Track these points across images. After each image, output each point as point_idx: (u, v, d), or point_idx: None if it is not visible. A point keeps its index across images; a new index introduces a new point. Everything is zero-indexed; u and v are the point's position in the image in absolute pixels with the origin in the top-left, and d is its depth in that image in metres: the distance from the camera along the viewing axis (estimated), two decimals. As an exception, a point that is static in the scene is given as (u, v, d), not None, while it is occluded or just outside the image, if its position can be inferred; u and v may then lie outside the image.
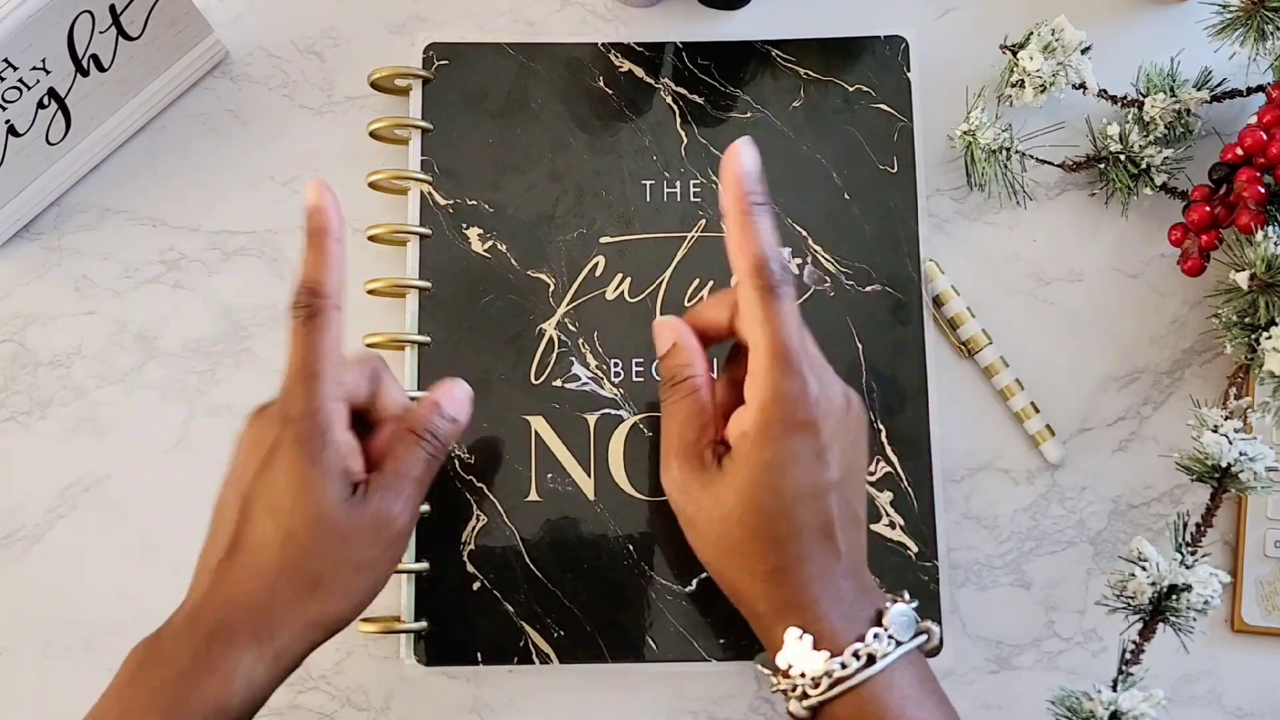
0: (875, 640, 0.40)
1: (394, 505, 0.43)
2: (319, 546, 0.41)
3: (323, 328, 0.42)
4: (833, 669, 0.40)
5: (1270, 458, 0.47)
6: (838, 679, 0.40)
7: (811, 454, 0.41)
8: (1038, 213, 0.56)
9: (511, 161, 0.55)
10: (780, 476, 0.41)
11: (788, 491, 0.41)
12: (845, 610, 0.41)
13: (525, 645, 0.51)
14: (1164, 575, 0.47)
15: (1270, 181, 0.50)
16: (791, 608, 0.41)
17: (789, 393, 0.41)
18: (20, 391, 0.54)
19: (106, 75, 0.52)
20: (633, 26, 0.58)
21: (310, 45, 0.58)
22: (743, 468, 0.42)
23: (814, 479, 0.42)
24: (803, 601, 0.41)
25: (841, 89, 0.56)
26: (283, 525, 0.41)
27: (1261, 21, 0.50)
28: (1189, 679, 0.52)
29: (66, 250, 0.56)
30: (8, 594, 0.53)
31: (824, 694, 0.40)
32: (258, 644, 0.40)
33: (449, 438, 0.46)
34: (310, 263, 0.43)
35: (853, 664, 0.40)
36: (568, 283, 0.54)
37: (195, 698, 0.38)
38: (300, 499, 0.41)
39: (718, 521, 0.42)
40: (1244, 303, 0.49)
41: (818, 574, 0.42)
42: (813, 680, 0.40)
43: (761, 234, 0.43)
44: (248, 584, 0.40)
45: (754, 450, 0.42)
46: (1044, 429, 0.53)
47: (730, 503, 0.42)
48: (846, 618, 0.41)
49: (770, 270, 0.42)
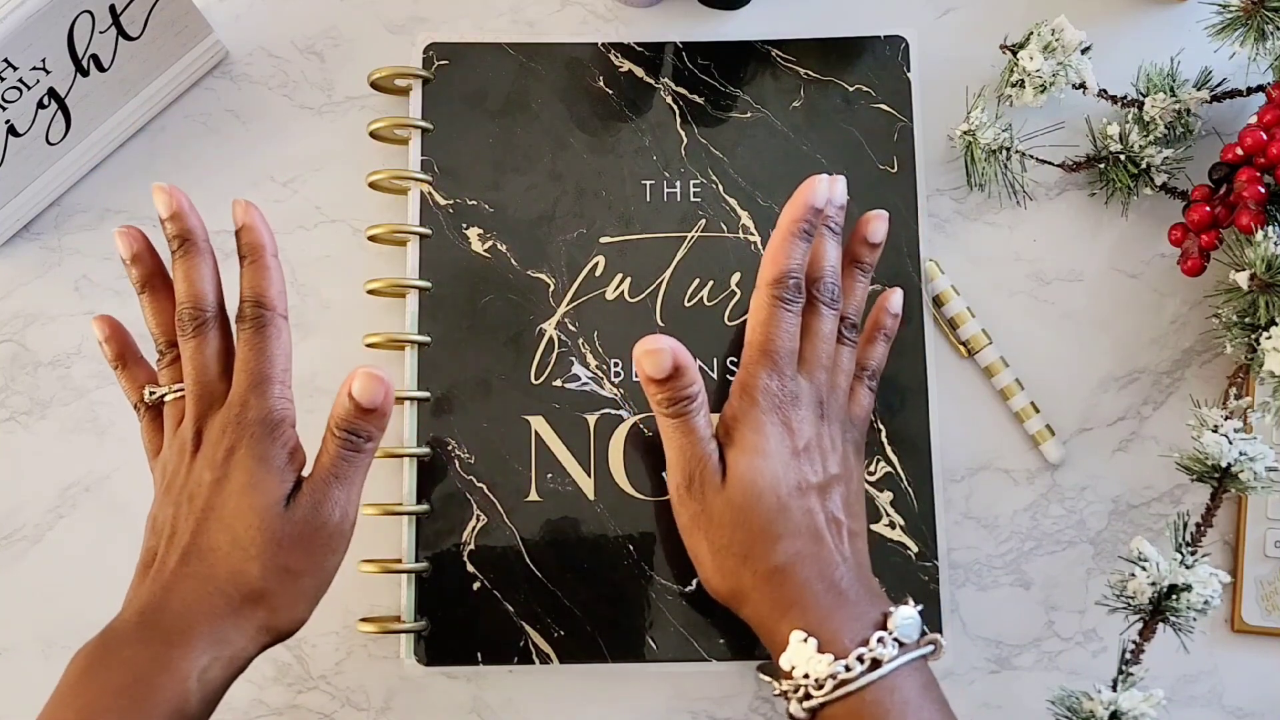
0: (880, 644, 0.40)
1: (321, 509, 0.42)
2: (259, 554, 0.41)
3: (272, 336, 0.43)
4: (837, 671, 0.40)
5: (1270, 458, 0.47)
6: (841, 681, 0.40)
7: (788, 451, 0.44)
8: (1038, 213, 0.56)
9: (511, 161, 0.55)
10: (765, 460, 0.43)
11: (780, 481, 0.43)
12: (849, 613, 0.41)
13: (525, 645, 0.51)
14: (1164, 575, 0.47)
15: (1270, 181, 0.50)
16: (795, 608, 0.42)
17: (767, 386, 0.45)
18: (20, 391, 0.54)
19: (106, 75, 0.52)
20: (633, 26, 0.58)
21: (310, 45, 0.58)
22: (735, 454, 0.44)
23: (793, 475, 0.44)
24: (805, 602, 0.42)
25: (841, 89, 0.56)
26: (231, 533, 0.41)
27: (1261, 21, 0.50)
28: (1189, 679, 0.52)
29: (66, 250, 0.56)
30: (8, 594, 0.53)
31: (827, 696, 0.40)
32: (215, 648, 0.40)
33: (368, 430, 0.43)
34: (251, 277, 0.44)
35: (857, 667, 0.40)
36: (568, 283, 0.54)
37: (156, 700, 0.38)
38: (247, 505, 0.41)
39: (730, 523, 0.43)
40: (1244, 303, 0.49)
41: (818, 574, 0.42)
42: (816, 682, 0.40)
43: (792, 256, 0.45)
44: (203, 592, 0.41)
45: (739, 432, 0.44)
46: (1044, 429, 0.53)
47: (739, 500, 0.43)
48: (851, 621, 0.41)
49: (787, 285, 0.45)
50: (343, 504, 0.43)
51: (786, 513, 0.43)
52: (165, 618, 0.40)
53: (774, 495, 0.43)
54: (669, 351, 0.44)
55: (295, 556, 0.42)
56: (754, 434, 0.44)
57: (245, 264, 0.44)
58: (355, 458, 0.43)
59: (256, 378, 0.43)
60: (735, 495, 0.43)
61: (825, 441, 0.46)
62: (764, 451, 0.44)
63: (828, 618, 0.41)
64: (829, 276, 0.47)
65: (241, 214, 0.45)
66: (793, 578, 0.42)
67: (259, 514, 0.41)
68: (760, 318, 0.45)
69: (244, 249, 0.45)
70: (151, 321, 0.46)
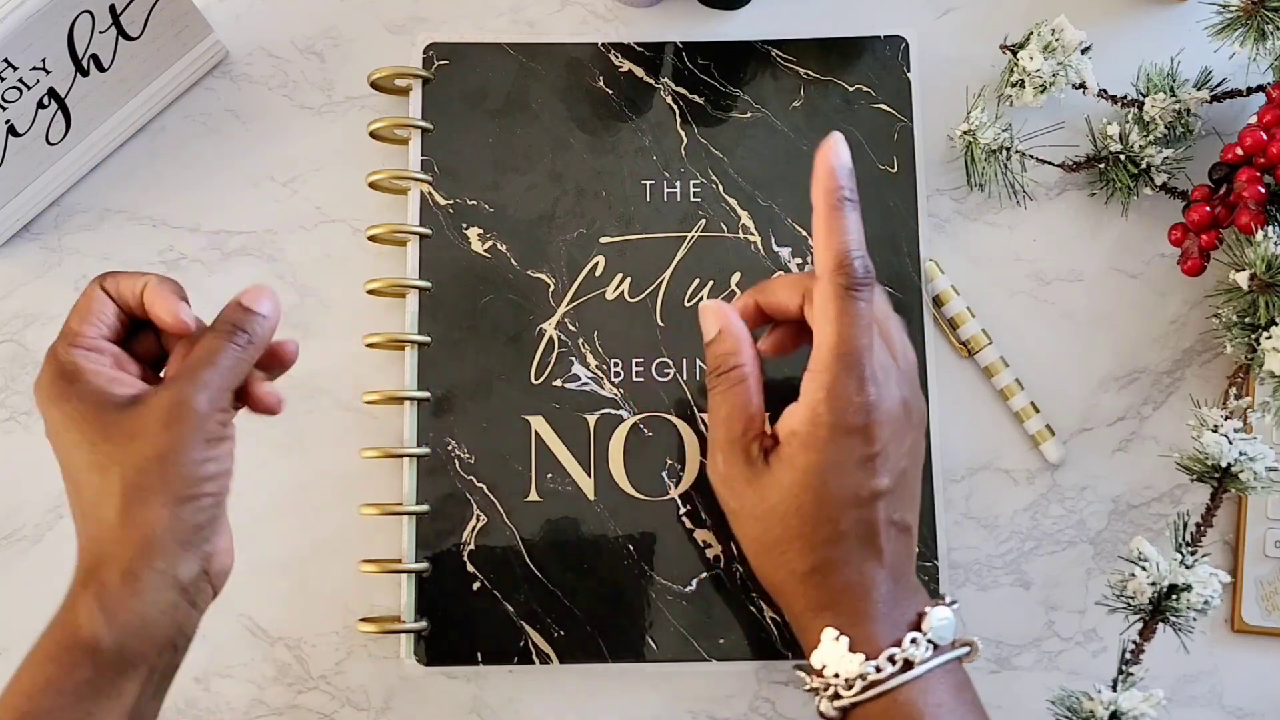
0: (913, 645, 0.40)
1: (185, 389, 0.40)
2: (118, 457, 0.39)
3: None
4: (867, 672, 0.39)
5: (1270, 458, 0.47)
6: (872, 682, 0.39)
7: (860, 460, 0.41)
8: (1038, 213, 0.56)
9: (511, 161, 0.55)
10: (826, 481, 0.41)
11: (832, 497, 0.41)
12: (885, 613, 0.41)
13: (525, 645, 0.51)
14: (1164, 575, 0.47)
15: (1270, 181, 0.50)
16: (829, 608, 0.41)
17: (845, 395, 0.40)
18: (20, 391, 0.54)
19: (106, 75, 0.52)
20: (633, 26, 0.58)
21: (310, 45, 0.58)
22: (789, 468, 0.41)
23: (861, 486, 0.41)
24: (841, 603, 0.41)
25: (841, 89, 0.56)
26: (86, 464, 0.40)
27: (1261, 21, 0.50)
28: (1189, 679, 0.52)
29: (66, 250, 0.56)
30: (8, 594, 0.53)
31: (856, 696, 0.40)
32: (184, 555, 0.40)
33: (257, 331, 0.42)
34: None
35: (888, 668, 0.40)
36: (568, 283, 0.54)
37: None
38: (76, 431, 0.40)
39: (760, 518, 0.42)
40: (1244, 303, 0.49)
41: (858, 577, 0.41)
42: (846, 681, 0.40)
43: (849, 230, 0.42)
44: (118, 529, 0.39)
45: (801, 451, 0.41)
46: (1044, 429, 0.53)
47: (773, 501, 0.42)
48: (885, 621, 0.41)
49: (853, 269, 0.41)
50: (214, 392, 0.40)
51: (836, 523, 0.41)
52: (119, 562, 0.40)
53: (830, 505, 0.41)
54: (717, 312, 0.44)
55: (154, 441, 0.39)
56: (821, 442, 0.41)
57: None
58: (240, 354, 0.41)
59: (50, 352, 0.43)
60: (781, 494, 0.41)
61: (899, 442, 0.42)
62: (822, 465, 0.41)
63: (862, 618, 0.41)
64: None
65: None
66: (832, 579, 0.41)
67: (90, 429, 0.40)
68: (830, 313, 0.41)
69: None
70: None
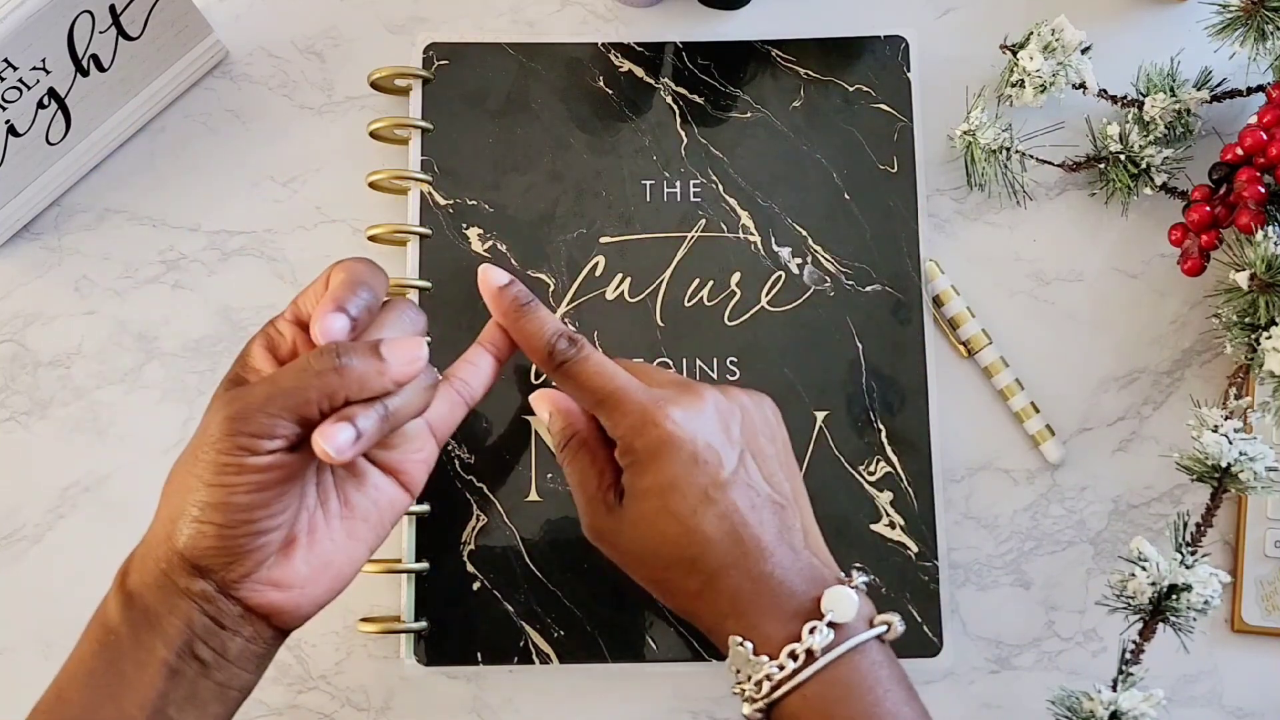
0: (811, 635, 0.39)
1: (230, 401, 0.37)
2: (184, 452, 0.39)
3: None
4: (771, 672, 0.39)
5: (1270, 458, 0.47)
6: (778, 682, 0.39)
7: (686, 461, 0.41)
8: (1038, 213, 0.56)
9: (511, 161, 0.55)
10: (667, 496, 0.41)
11: (680, 507, 0.41)
12: (781, 607, 0.40)
13: (525, 645, 0.51)
14: (1164, 575, 0.47)
15: (1270, 181, 0.50)
16: (729, 615, 0.41)
17: (633, 420, 0.42)
18: (20, 391, 0.54)
19: (106, 75, 0.52)
20: (633, 26, 0.58)
21: (310, 45, 0.58)
22: (637, 499, 0.42)
23: (700, 483, 0.41)
24: (738, 608, 0.41)
25: (841, 89, 0.56)
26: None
27: (1261, 21, 0.50)
28: (1189, 679, 0.52)
29: (66, 250, 0.56)
30: (8, 594, 0.53)
31: (768, 697, 0.39)
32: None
33: (356, 374, 0.37)
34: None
35: (790, 664, 0.39)
36: (568, 283, 0.54)
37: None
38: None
39: (640, 556, 0.43)
40: (1244, 303, 0.49)
41: (744, 577, 0.41)
42: (756, 684, 0.40)
43: (539, 326, 0.44)
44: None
45: (635, 480, 0.42)
46: (1044, 429, 0.53)
47: (641, 535, 0.42)
48: (782, 616, 0.40)
49: (558, 349, 0.44)
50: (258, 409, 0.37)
51: (699, 530, 0.41)
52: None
53: (685, 515, 0.41)
54: (546, 398, 0.46)
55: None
56: (644, 465, 0.42)
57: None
58: (314, 380, 0.37)
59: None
60: (644, 526, 0.42)
61: (725, 429, 0.43)
62: (660, 484, 0.41)
63: (760, 617, 0.40)
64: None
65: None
66: (721, 587, 0.41)
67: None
68: (573, 387, 0.43)
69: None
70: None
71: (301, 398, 0.36)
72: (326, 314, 0.38)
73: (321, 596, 0.41)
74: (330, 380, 0.37)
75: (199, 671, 0.38)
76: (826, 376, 0.53)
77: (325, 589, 0.41)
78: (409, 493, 0.44)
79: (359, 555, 0.42)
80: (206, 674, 0.38)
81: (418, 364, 0.39)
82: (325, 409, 0.37)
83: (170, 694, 0.37)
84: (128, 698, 0.37)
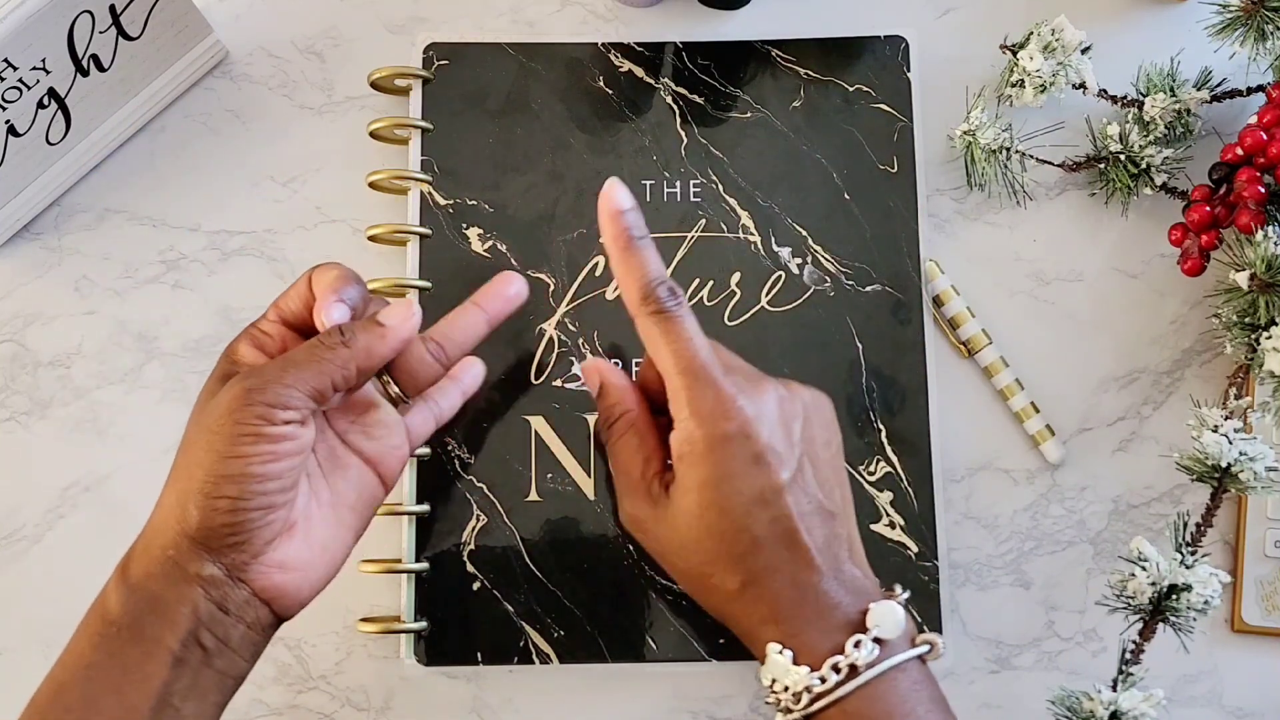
0: (856, 649, 0.39)
1: (251, 379, 0.39)
2: (185, 436, 0.41)
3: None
4: (813, 684, 0.39)
5: (1270, 458, 0.47)
6: (818, 694, 0.39)
7: (748, 460, 0.40)
8: (1038, 213, 0.56)
9: (511, 161, 0.55)
10: (722, 492, 0.40)
11: (734, 505, 0.40)
12: (826, 618, 0.40)
13: (525, 645, 0.51)
14: (1164, 575, 0.47)
15: (1270, 181, 0.50)
16: (769, 622, 0.40)
17: (706, 406, 0.41)
18: (20, 391, 0.54)
19: (106, 75, 0.52)
20: (633, 26, 0.58)
21: (310, 45, 0.58)
22: (685, 492, 0.41)
23: (758, 484, 0.40)
24: (779, 614, 0.40)
25: (841, 89, 0.56)
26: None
27: (1261, 21, 0.50)
28: (1189, 679, 0.52)
29: (66, 250, 0.56)
30: (8, 594, 0.53)
31: (804, 710, 0.39)
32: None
33: (360, 346, 0.41)
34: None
35: (832, 677, 0.39)
36: (568, 283, 0.54)
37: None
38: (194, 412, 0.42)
39: (679, 550, 0.42)
40: (1244, 303, 0.49)
41: (789, 583, 0.40)
42: (794, 695, 0.39)
43: (644, 263, 0.43)
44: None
45: (689, 471, 0.41)
46: (1044, 429, 0.53)
47: (684, 529, 0.41)
48: (826, 627, 0.40)
49: (658, 294, 0.42)
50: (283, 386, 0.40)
51: (749, 530, 0.40)
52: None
53: (736, 513, 0.40)
54: (595, 369, 0.46)
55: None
56: (702, 456, 0.41)
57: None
58: (326, 354, 0.40)
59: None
60: (689, 520, 0.41)
61: (788, 431, 0.42)
62: (714, 478, 0.40)
63: (803, 627, 0.40)
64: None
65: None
66: (765, 590, 0.40)
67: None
68: (657, 342, 0.42)
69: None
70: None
71: (316, 369, 0.39)
72: (330, 303, 0.42)
73: (319, 581, 0.42)
74: (341, 352, 0.40)
75: (202, 660, 0.39)
76: (826, 376, 0.53)
77: (323, 573, 0.42)
78: (385, 486, 0.45)
79: (348, 541, 0.44)
80: (209, 662, 0.39)
81: (414, 319, 0.42)
82: (339, 382, 0.40)
83: (174, 683, 0.38)
84: (131, 689, 0.38)
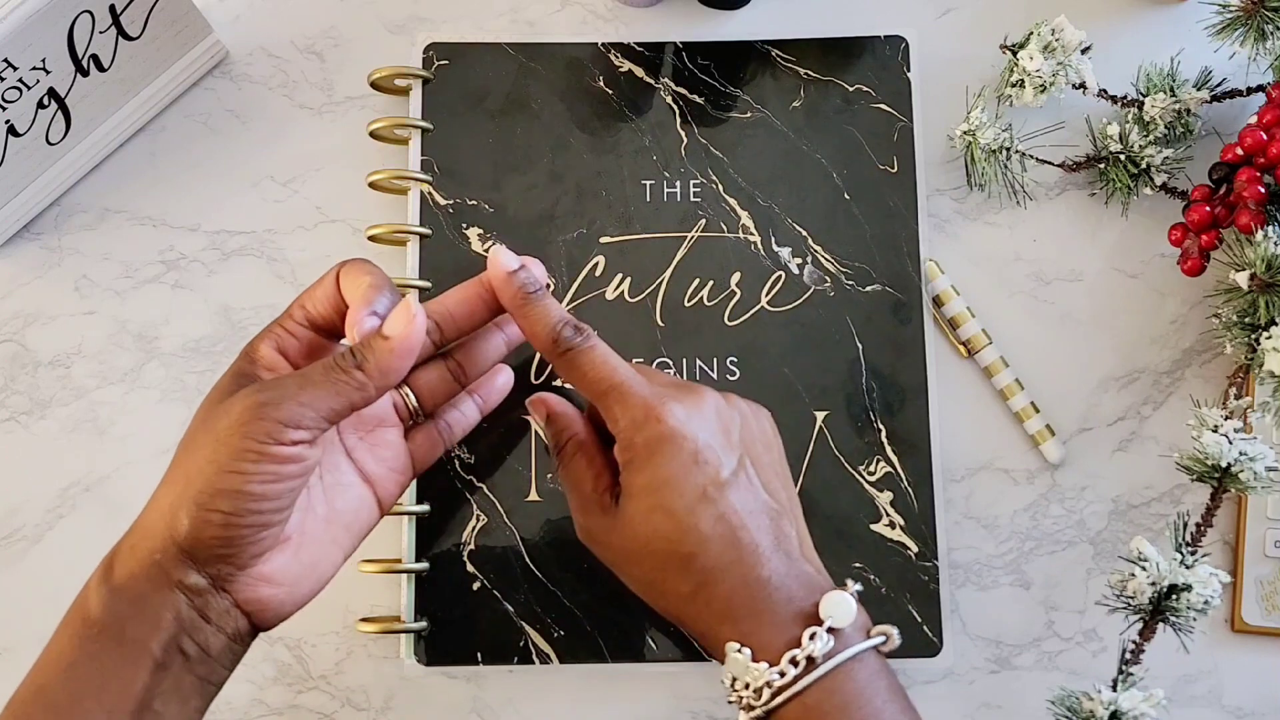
0: (812, 641, 0.39)
1: (262, 394, 0.39)
2: (183, 443, 0.41)
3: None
4: (772, 679, 0.39)
5: (1270, 458, 0.47)
6: (778, 689, 0.39)
7: (688, 460, 0.41)
8: (1038, 213, 0.56)
9: (511, 161, 0.55)
10: (666, 494, 0.41)
11: (678, 505, 0.41)
12: (779, 613, 0.40)
13: (525, 645, 0.51)
14: (1164, 575, 0.47)
15: (1270, 181, 0.50)
16: (724, 621, 0.41)
17: (638, 414, 0.42)
18: (20, 391, 0.54)
19: (106, 75, 0.52)
20: (633, 26, 0.58)
21: (310, 45, 0.58)
22: (632, 498, 0.42)
23: (700, 482, 0.41)
24: (733, 613, 0.40)
25: (841, 89, 0.56)
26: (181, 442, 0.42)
27: (1261, 21, 0.50)
28: (1189, 679, 0.52)
29: (66, 250, 0.56)
30: (8, 594, 0.53)
31: (766, 706, 0.39)
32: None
33: (376, 375, 0.40)
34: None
35: (790, 671, 0.39)
36: (568, 283, 0.54)
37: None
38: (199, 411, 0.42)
39: (632, 558, 0.43)
40: (1244, 303, 0.49)
41: (740, 581, 0.40)
42: (755, 692, 0.39)
43: (545, 313, 0.44)
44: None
45: (633, 478, 0.42)
46: (1044, 429, 0.53)
47: (633, 536, 0.42)
48: (781, 622, 0.40)
49: (564, 335, 0.43)
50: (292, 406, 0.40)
51: (695, 529, 0.40)
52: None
53: (681, 513, 0.41)
54: (540, 400, 0.47)
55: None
56: (642, 461, 0.42)
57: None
58: (342, 383, 0.40)
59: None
60: (638, 525, 0.42)
61: (726, 431, 0.43)
62: (656, 481, 0.41)
63: (758, 624, 0.40)
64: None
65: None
66: (716, 590, 0.41)
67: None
68: (576, 377, 0.43)
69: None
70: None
71: (332, 391, 0.39)
72: (362, 317, 0.41)
73: (303, 598, 0.42)
74: (357, 375, 0.40)
75: (183, 665, 0.39)
76: (826, 376, 0.53)
77: (308, 590, 0.42)
78: (381, 509, 0.45)
79: (337, 560, 0.44)
80: (190, 668, 0.39)
81: (418, 322, 0.41)
82: (358, 403, 0.40)
83: (155, 687, 0.38)
84: (112, 690, 0.37)
